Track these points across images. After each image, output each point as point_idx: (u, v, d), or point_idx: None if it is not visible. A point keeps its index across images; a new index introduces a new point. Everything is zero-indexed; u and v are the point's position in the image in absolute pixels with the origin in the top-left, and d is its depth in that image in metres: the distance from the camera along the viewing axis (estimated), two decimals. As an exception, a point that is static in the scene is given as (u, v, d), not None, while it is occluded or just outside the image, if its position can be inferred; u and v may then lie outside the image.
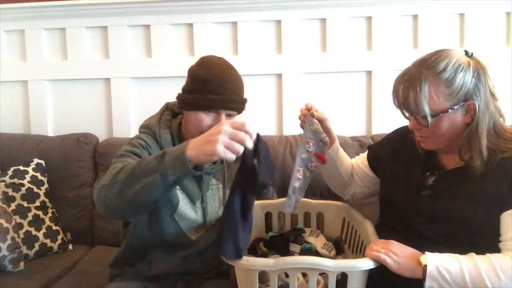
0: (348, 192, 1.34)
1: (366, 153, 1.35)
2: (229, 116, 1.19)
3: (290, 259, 1.02)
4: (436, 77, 0.99)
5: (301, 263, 0.98)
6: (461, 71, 0.99)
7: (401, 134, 1.25)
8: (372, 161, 1.30)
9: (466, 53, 1.05)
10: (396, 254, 0.98)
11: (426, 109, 0.99)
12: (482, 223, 0.99)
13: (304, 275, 1.08)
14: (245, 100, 1.23)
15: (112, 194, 0.96)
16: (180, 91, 1.24)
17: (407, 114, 1.07)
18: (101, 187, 1.00)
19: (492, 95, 1.03)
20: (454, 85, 0.99)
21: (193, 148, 0.87)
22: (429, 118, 1.00)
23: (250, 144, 0.86)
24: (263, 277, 1.03)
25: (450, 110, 1.00)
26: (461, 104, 1.00)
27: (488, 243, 0.99)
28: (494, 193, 0.99)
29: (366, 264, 0.98)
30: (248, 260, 1.01)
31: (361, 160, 1.34)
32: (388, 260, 0.97)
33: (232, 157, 0.85)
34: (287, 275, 1.03)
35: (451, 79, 0.99)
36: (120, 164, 1.02)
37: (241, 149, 0.85)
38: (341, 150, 1.29)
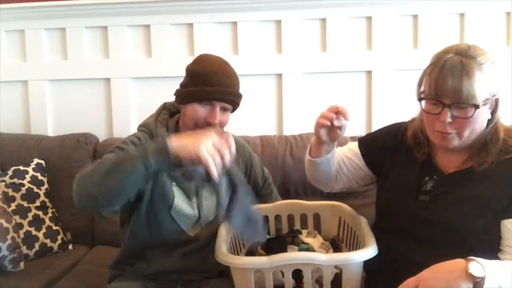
0: (332, 188, 1.31)
1: (355, 145, 1.28)
2: (224, 110, 1.21)
3: (284, 256, 1.01)
4: (479, 67, 0.97)
5: (295, 259, 0.99)
6: (493, 64, 0.99)
7: (393, 133, 1.22)
8: (368, 156, 1.25)
9: None
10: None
11: (480, 95, 0.96)
12: (481, 229, 0.98)
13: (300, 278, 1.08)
14: (240, 95, 1.24)
15: (92, 183, 0.96)
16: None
17: (443, 106, 0.98)
18: (80, 177, 0.99)
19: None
20: (490, 78, 0.98)
21: (177, 142, 0.90)
22: (480, 105, 0.96)
23: (227, 160, 0.89)
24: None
25: (485, 103, 0.99)
26: (491, 97, 0.99)
27: (487, 249, 0.98)
28: (494, 198, 0.98)
29: (359, 256, 0.98)
30: (243, 259, 1.01)
31: (351, 152, 1.27)
32: None
33: (211, 166, 0.87)
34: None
35: (488, 71, 0.98)
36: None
37: (218, 162, 0.88)
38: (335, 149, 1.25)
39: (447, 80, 0.96)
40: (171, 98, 1.36)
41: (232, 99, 1.20)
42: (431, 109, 1.02)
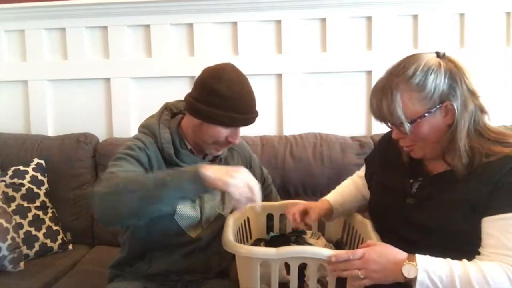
0: None
1: (364, 167, 1.34)
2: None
3: (292, 249, 1.03)
4: (407, 82, 0.97)
5: (301, 253, 0.99)
6: (431, 74, 0.98)
7: (386, 139, 1.24)
8: (369, 179, 1.29)
9: (438, 54, 1.03)
10: (376, 272, 0.93)
11: (402, 116, 0.98)
12: (467, 231, 0.97)
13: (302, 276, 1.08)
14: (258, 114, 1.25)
15: (123, 205, 0.99)
16: (189, 96, 1.22)
17: (388, 124, 1.05)
18: (101, 194, 1.01)
19: (472, 93, 1.00)
20: (426, 89, 0.97)
21: (211, 172, 0.98)
22: (406, 126, 0.98)
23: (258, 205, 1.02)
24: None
25: (427, 114, 0.98)
26: (438, 106, 0.98)
27: (476, 249, 0.96)
28: (475, 199, 0.97)
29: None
30: (250, 249, 1.01)
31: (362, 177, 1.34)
32: (369, 282, 0.94)
33: (238, 202, 0.99)
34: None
35: (422, 83, 0.97)
36: (116, 169, 1.07)
37: (242, 204, 0.99)
38: (339, 198, 1.30)
39: (372, 102, 1.03)
40: (171, 98, 1.36)
41: (252, 122, 1.23)
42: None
